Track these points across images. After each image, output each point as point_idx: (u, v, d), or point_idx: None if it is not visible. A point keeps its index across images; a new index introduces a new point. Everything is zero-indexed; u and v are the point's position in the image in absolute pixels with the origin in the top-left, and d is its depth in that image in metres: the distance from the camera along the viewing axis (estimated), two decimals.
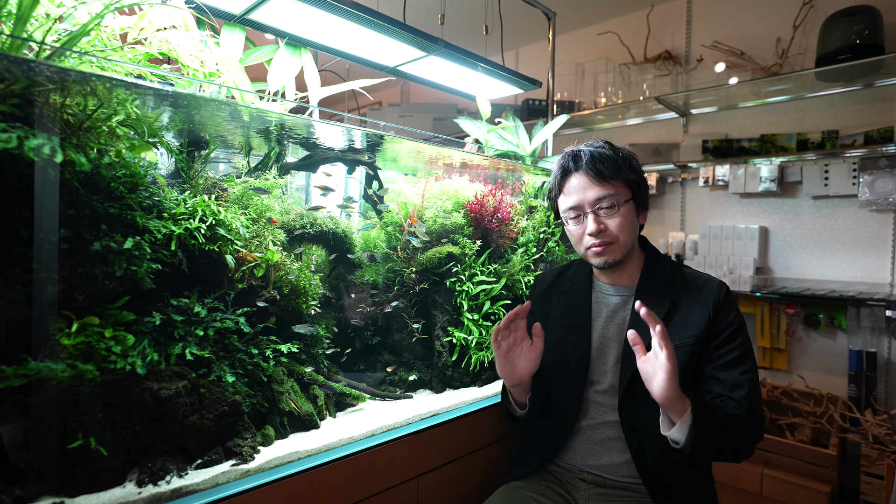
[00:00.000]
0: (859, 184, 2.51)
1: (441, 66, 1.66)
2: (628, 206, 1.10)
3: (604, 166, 1.08)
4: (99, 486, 0.82)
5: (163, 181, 1.03)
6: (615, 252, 1.10)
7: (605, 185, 1.08)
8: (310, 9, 1.22)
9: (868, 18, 2.31)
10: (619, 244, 1.10)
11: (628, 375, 1.08)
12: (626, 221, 1.10)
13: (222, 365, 1.00)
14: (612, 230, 1.09)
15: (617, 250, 1.10)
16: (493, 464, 1.39)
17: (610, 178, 1.08)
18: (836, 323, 2.59)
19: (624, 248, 1.11)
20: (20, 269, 0.79)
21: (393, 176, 1.76)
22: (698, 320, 1.07)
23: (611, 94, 3.43)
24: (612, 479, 1.13)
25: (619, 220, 1.09)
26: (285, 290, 1.19)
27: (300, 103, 1.24)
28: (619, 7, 3.40)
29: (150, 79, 0.95)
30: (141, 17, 0.99)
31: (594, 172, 1.08)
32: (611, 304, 1.17)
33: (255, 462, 0.95)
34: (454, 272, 1.53)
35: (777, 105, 2.84)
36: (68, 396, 0.81)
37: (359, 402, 1.28)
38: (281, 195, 1.27)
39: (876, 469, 2.09)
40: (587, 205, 1.09)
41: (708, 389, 1.06)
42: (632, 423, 1.09)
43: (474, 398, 1.40)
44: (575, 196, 1.11)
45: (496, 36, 3.08)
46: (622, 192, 1.10)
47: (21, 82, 0.77)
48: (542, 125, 1.89)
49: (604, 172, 1.08)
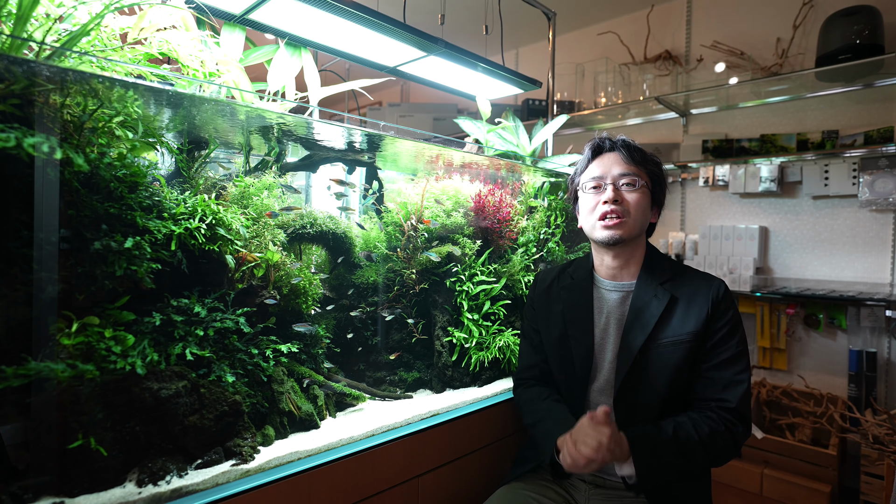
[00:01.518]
0: (859, 184, 2.51)
1: (441, 66, 1.66)
2: (646, 193, 1.14)
3: (635, 152, 1.15)
4: (99, 486, 0.82)
5: (163, 181, 1.03)
6: (624, 227, 1.11)
7: (632, 166, 1.14)
8: (310, 9, 1.22)
9: (868, 18, 2.31)
10: (630, 221, 1.12)
11: (624, 372, 1.09)
12: (642, 203, 1.13)
13: (222, 365, 1.00)
14: (627, 205, 1.12)
15: (626, 227, 1.11)
16: (492, 464, 1.39)
17: (638, 163, 1.14)
18: (836, 323, 2.59)
19: (633, 228, 1.12)
20: (20, 269, 0.79)
21: (393, 176, 1.76)
22: (696, 318, 1.07)
23: (611, 94, 3.43)
24: (611, 479, 1.13)
25: (637, 196, 1.12)
26: (285, 290, 1.19)
27: (300, 103, 1.24)
28: (619, 7, 3.40)
29: (150, 79, 0.95)
30: (141, 17, 0.99)
31: (626, 153, 1.14)
32: (610, 301, 1.18)
33: (255, 462, 0.95)
34: (454, 272, 1.53)
35: (777, 105, 2.84)
36: (68, 396, 0.81)
37: (359, 402, 1.28)
38: (281, 195, 1.27)
39: (876, 469, 2.09)
40: (610, 177, 1.13)
41: (698, 391, 1.08)
42: (626, 421, 1.09)
43: (474, 398, 1.40)
44: (601, 169, 1.15)
45: (496, 36, 3.08)
46: (644, 178, 1.14)
47: (21, 82, 0.77)
48: (542, 125, 1.89)
49: (634, 157, 1.14)
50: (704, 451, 1.00)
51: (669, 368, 1.07)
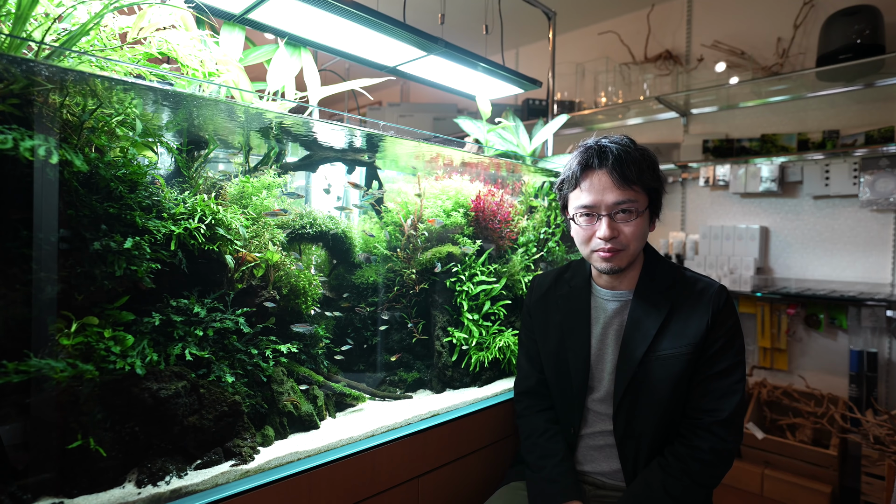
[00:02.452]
0: (860, 184, 2.50)
1: (441, 66, 1.65)
2: (645, 217, 1.06)
3: (629, 170, 1.02)
4: (98, 486, 0.82)
5: (162, 181, 1.03)
6: (623, 259, 1.07)
7: (627, 189, 1.03)
8: (310, 8, 1.22)
9: (869, 18, 2.31)
10: (629, 252, 1.07)
11: (624, 384, 1.08)
12: (640, 231, 1.06)
13: (222, 365, 1.00)
14: (624, 237, 1.05)
15: (625, 258, 1.07)
16: (493, 464, 1.39)
17: (633, 182, 1.03)
18: (837, 323, 2.58)
19: (632, 257, 1.08)
20: (20, 269, 0.79)
21: (393, 175, 1.76)
22: (695, 328, 1.05)
23: (611, 94, 3.42)
24: (612, 482, 1.13)
25: (634, 228, 1.04)
26: (285, 290, 1.19)
27: (300, 103, 1.24)
28: (620, 7, 3.39)
29: (150, 78, 0.95)
30: (140, 17, 0.99)
31: (619, 174, 1.02)
32: (608, 310, 1.15)
33: (254, 462, 0.94)
34: (454, 272, 1.53)
35: (777, 105, 2.83)
36: (67, 397, 0.81)
37: (359, 403, 1.28)
38: (281, 195, 1.26)
39: (876, 469, 2.08)
40: (604, 207, 1.04)
41: (692, 399, 1.07)
42: (626, 431, 1.09)
43: (474, 398, 1.39)
44: (592, 195, 1.05)
45: (496, 36, 3.08)
46: (642, 199, 1.05)
47: (20, 82, 0.77)
48: (543, 125, 1.89)
49: (628, 176, 1.02)
50: (699, 489, 1.01)
51: (670, 379, 1.05)
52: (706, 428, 1.03)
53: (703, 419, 1.04)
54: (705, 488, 1.02)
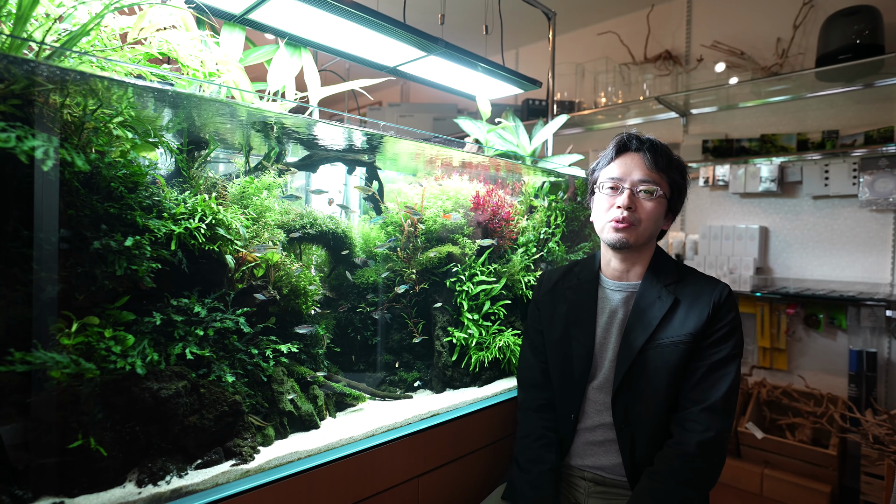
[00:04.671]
0: (859, 184, 2.51)
1: (441, 66, 1.66)
2: (662, 203, 1.14)
3: (660, 158, 1.13)
4: (99, 486, 0.82)
5: (162, 181, 1.03)
6: (633, 234, 1.12)
7: (654, 173, 1.12)
8: (310, 9, 1.22)
9: (868, 18, 2.31)
10: (641, 229, 1.12)
11: (624, 370, 1.10)
12: (655, 213, 1.13)
13: (222, 365, 1.00)
14: (640, 213, 1.12)
15: (635, 233, 1.12)
16: (493, 464, 1.39)
17: (661, 169, 1.12)
18: (837, 323, 2.59)
19: (642, 236, 1.13)
20: (20, 269, 0.79)
21: (393, 176, 1.76)
22: (696, 319, 1.08)
23: (611, 94, 3.43)
24: (611, 477, 1.13)
25: (651, 207, 1.12)
26: (285, 290, 1.19)
27: (300, 103, 1.24)
28: (619, 7, 3.39)
29: (150, 79, 0.95)
30: (141, 17, 0.99)
31: (650, 158, 1.12)
32: (614, 301, 1.18)
33: (254, 462, 0.95)
34: (454, 272, 1.53)
35: (777, 105, 2.83)
36: (68, 396, 0.81)
37: (359, 402, 1.28)
38: (281, 195, 1.27)
39: (876, 469, 2.09)
40: (629, 182, 1.12)
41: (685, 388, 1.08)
42: (624, 417, 1.11)
43: (474, 398, 1.40)
44: (622, 170, 1.14)
45: (496, 36, 3.08)
46: (664, 187, 1.13)
47: (21, 82, 0.77)
48: (542, 125, 1.89)
49: (658, 163, 1.12)
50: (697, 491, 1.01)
51: (668, 368, 1.07)
52: (693, 418, 1.04)
53: (691, 409, 1.05)
54: (697, 490, 1.01)
